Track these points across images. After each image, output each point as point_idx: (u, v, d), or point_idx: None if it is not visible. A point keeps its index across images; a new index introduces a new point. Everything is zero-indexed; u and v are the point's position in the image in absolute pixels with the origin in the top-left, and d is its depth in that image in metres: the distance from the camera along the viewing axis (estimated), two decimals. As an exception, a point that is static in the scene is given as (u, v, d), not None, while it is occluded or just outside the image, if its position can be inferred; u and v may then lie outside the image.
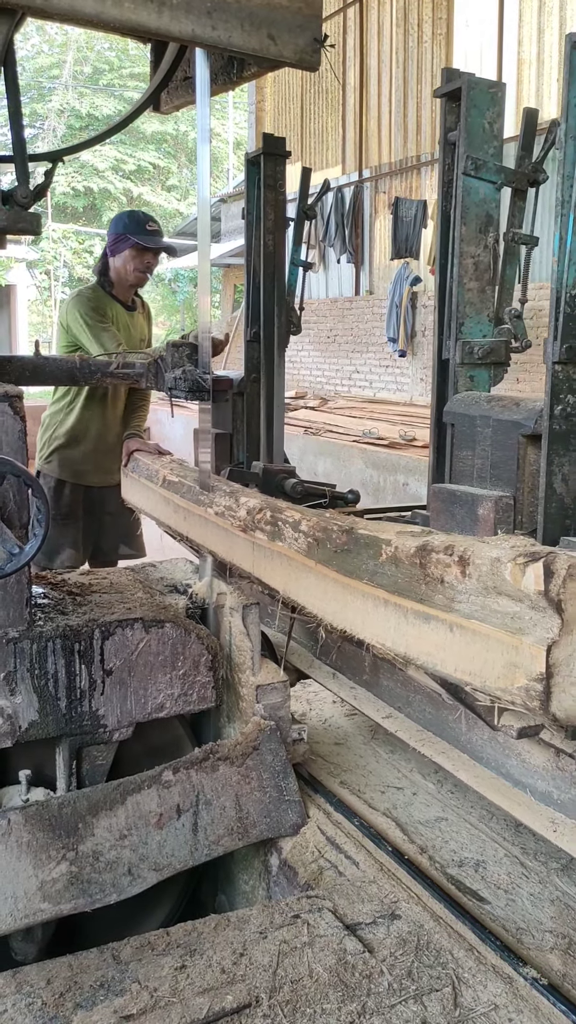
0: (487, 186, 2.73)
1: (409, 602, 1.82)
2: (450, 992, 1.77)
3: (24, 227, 2.23)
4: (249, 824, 2.39)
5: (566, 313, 2.05)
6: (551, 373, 2.10)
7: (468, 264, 2.76)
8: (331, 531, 2.13)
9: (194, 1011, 1.72)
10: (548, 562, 1.52)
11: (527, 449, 2.29)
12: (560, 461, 2.12)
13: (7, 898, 2.07)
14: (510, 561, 1.58)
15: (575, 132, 1.97)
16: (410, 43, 12.26)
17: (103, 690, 2.35)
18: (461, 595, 1.70)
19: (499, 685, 1.60)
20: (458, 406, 2.59)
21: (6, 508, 2.19)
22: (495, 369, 2.82)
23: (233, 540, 2.64)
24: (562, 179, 2.02)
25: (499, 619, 1.61)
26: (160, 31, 2.18)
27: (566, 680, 1.50)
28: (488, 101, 2.69)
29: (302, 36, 2.34)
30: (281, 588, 2.36)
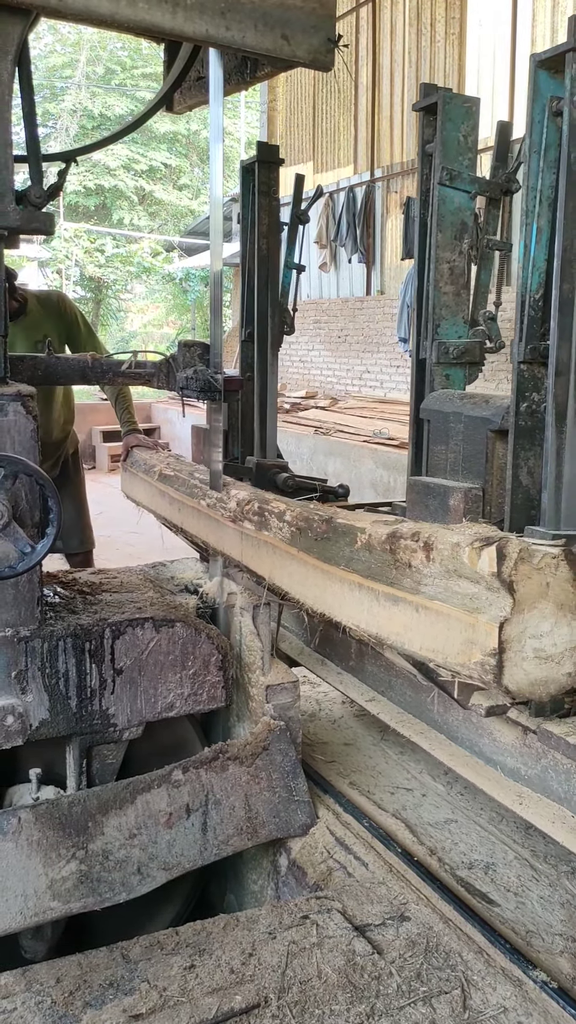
0: (462, 195, 2.88)
1: (381, 585, 1.93)
2: (459, 994, 1.77)
3: (37, 227, 2.23)
4: (258, 824, 2.39)
5: (530, 316, 2.18)
6: (516, 372, 2.22)
7: (444, 269, 2.91)
8: (312, 520, 2.24)
9: (203, 1011, 1.72)
10: (501, 546, 1.64)
11: (495, 444, 2.41)
12: (525, 455, 2.23)
13: (17, 896, 2.08)
14: (468, 546, 1.69)
15: (538, 147, 2.11)
16: (423, 43, 12.23)
17: (113, 689, 2.35)
18: (426, 578, 1.81)
19: (458, 660, 1.71)
20: (433, 403, 2.72)
21: (18, 507, 2.19)
22: (470, 368, 2.96)
23: (223, 530, 2.75)
24: (526, 191, 2.17)
25: (459, 600, 1.72)
26: (174, 31, 2.18)
27: (517, 655, 1.62)
28: (463, 115, 2.83)
29: (316, 36, 2.34)
30: (267, 575, 2.46)
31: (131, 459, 3.87)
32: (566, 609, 1.67)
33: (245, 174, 3.74)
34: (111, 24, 2.13)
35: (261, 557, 2.50)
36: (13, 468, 2.10)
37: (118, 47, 26.24)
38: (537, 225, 2.17)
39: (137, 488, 3.74)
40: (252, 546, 2.55)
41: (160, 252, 23.79)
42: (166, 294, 25.28)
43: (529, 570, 1.63)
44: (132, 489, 3.83)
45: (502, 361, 3.62)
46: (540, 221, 2.17)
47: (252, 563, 2.56)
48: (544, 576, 1.64)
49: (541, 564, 1.64)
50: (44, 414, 4.13)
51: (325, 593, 2.16)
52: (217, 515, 2.78)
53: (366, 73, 13.54)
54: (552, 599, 1.66)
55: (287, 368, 15.33)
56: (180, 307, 24.73)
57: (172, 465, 3.45)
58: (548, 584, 1.65)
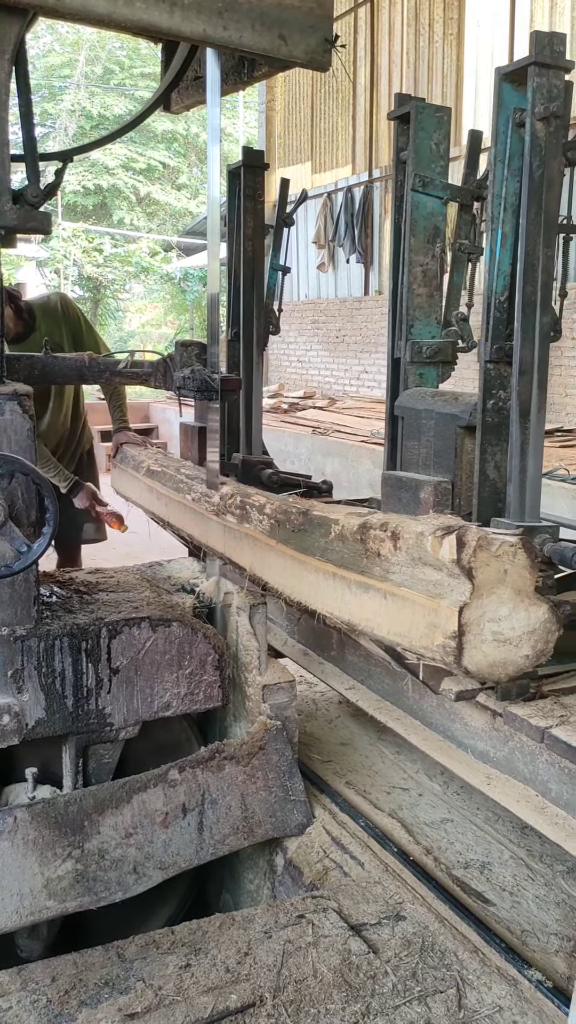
0: (434, 201, 2.97)
1: (352, 574, 2.01)
2: (454, 994, 1.77)
3: (34, 226, 2.24)
4: (255, 823, 2.39)
5: (496, 317, 2.27)
6: (483, 371, 2.31)
7: (417, 272, 3.01)
8: (290, 513, 2.32)
9: (198, 1010, 1.72)
10: (460, 535, 1.71)
11: (464, 439, 2.50)
12: (492, 450, 2.33)
13: (13, 895, 2.08)
14: (431, 535, 1.77)
15: (503, 156, 2.20)
16: (421, 43, 12.23)
17: (110, 688, 2.35)
18: (394, 566, 1.89)
19: (422, 644, 1.79)
20: (406, 400, 2.83)
21: (15, 506, 2.19)
22: (443, 367, 3.05)
23: (207, 524, 2.82)
24: (491, 198, 2.25)
25: (423, 586, 1.80)
26: (172, 31, 2.18)
27: (476, 638, 1.71)
28: (435, 124, 2.94)
29: (313, 36, 2.34)
30: (248, 566, 2.52)
31: (120, 455, 3.94)
32: (523, 595, 1.75)
33: (231, 178, 3.81)
34: (108, 24, 2.13)
35: (243, 549, 2.56)
36: (9, 467, 2.10)
37: (116, 47, 26.20)
38: (502, 231, 2.25)
39: (126, 484, 3.83)
40: (234, 539, 2.61)
41: (158, 252, 23.76)
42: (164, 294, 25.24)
43: (487, 557, 1.70)
44: (121, 485, 3.92)
45: (475, 360, 3.70)
46: (505, 227, 2.25)
47: (234, 555, 2.63)
48: (502, 563, 1.72)
49: (499, 552, 1.71)
50: (54, 412, 4.15)
51: (302, 583, 2.23)
52: (201, 509, 2.85)
53: (364, 73, 13.54)
54: (510, 585, 1.73)
55: (285, 368, 15.33)
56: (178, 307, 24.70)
57: (160, 461, 3.53)
58: (506, 571, 1.72)
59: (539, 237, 2.16)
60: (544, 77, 2.10)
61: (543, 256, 2.17)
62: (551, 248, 2.20)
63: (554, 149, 2.14)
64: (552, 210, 2.18)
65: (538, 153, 2.13)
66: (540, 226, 2.16)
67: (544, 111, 2.10)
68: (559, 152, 2.16)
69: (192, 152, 26.72)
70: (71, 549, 4.50)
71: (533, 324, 2.18)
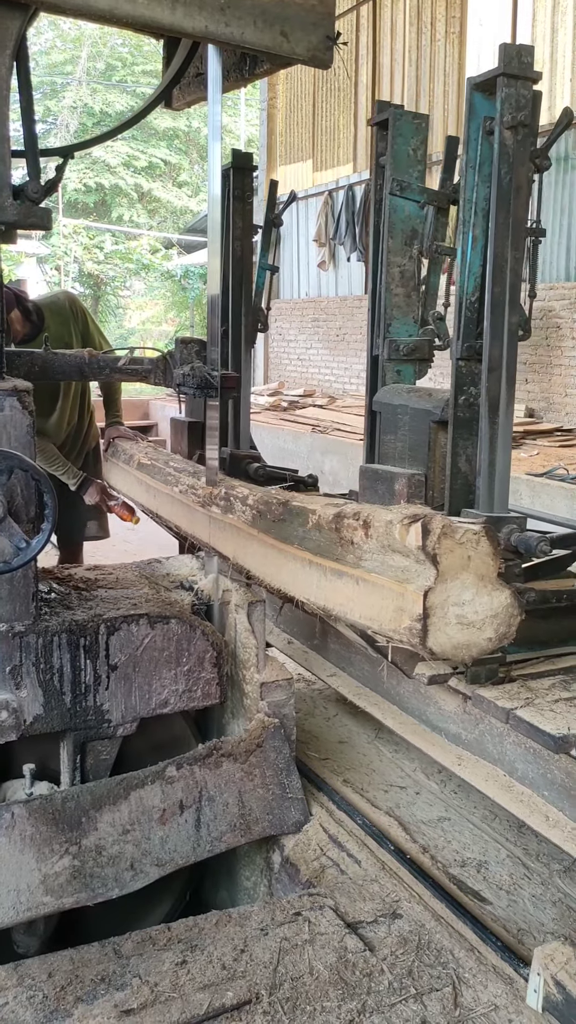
0: (411, 204, 3.08)
1: (328, 561, 2.09)
2: (450, 992, 1.77)
3: (35, 222, 2.23)
4: (252, 821, 2.39)
5: (467, 317, 2.36)
6: (455, 368, 2.39)
7: (395, 272, 3.12)
8: (271, 504, 2.39)
9: (194, 1007, 1.72)
10: (426, 522, 1.80)
11: (437, 434, 2.63)
12: (464, 444, 2.42)
13: (10, 891, 2.08)
14: (399, 523, 1.85)
15: (474, 163, 2.29)
16: (423, 42, 12.21)
17: (108, 685, 2.35)
18: (366, 553, 1.97)
19: (391, 626, 1.87)
20: (384, 396, 2.94)
21: (13, 502, 2.19)
22: (420, 364, 3.18)
23: (194, 514, 2.91)
24: (463, 203, 2.35)
25: (393, 572, 1.89)
26: (173, 27, 2.17)
27: (440, 620, 1.79)
28: (412, 131, 3.05)
29: (315, 34, 2.34)
30: (231, 555, 2.61)
31: (112, 450, 4.02)
32: (487, 580, 1.83)
33: (221, 180, 3.89)
34: (110, 19, 2.13)
35: (227, 539, 2.64)
36: (8, 463, 2.10)
37: (119, 43, 26.16)
38: (473, 234, 2.35)
39: (117, 476, 3.94)
40: (219, 529, 2.69)
41: (159, 249, 23.74)
42: (165, 291, 25.22)
43: (452, 544, 1.78)
44: (112, 478, 4.02)
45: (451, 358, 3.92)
46: (475, 230, 2.34)
47: (219, 545, 2.71)
48: (466, 550, 1.80)
49: (463, 539, 1.79)
50: (62, 409, 4.16)
51: (281, 571, 2.30)
52: (188, 500, 2.94)
53: (366, 71, 13.53)
54: (474, 571, 1.81)
55: (285, 366, 15.32)
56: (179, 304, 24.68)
57: (149, 455, 3.61)
58: (470, 558, 1.80)
59: (507, 240, 2.26)
60: (512, 88, 2.19)
61: (511, 258, 2.27)
62: (519, 251, 2.30)
63: (522, 156, 2.24)
64: (520, 215, 2.27)
65: (506, 160, 2.22)
66: (508, 230, 2.25)
67: (512, 120, 2.20)
68: (527, 159, 2.26)
69: (193, 149, 26.68)
70: (73, 546, 4.50)
71: (502, 323, 2.27)
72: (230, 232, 3.82)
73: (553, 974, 1.71)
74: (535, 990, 1.74)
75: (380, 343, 3.16)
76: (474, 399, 2.38)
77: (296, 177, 15.32)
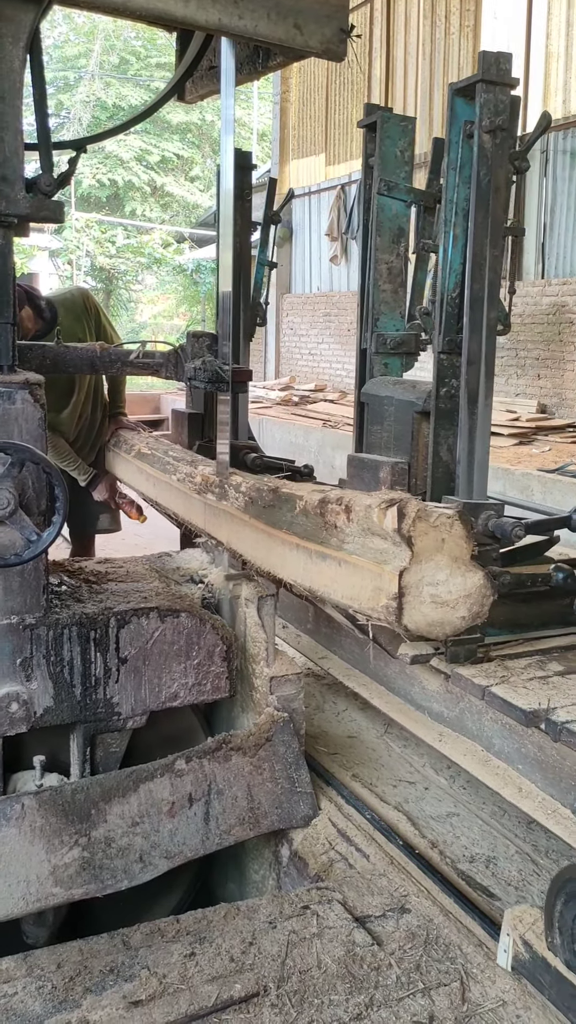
0: (399, 204, 3.19)
1: (313, 545, 2.20)
2: (458, 987, 1.77)
3: (47, 215, 2.23)
4: (260, 815, 2.40)
5: (447, 312, 2.46)
6: (437, 361, 2.49)
7: (383, 269, 3.23)
8: (262, 491, 2.50)
9: (202, 998, 1.73)
10: (401, 506, 1.89)
11: (420, 424, 2.72)
12: (445, 434, 2.53)
13: (20, 882, 2.09)
14: (377, 507, 1.95)
15: (455, 164, 2.38)
16: (437, 35, 12.15)
17: (118, 678, 2.36)
18: (348, 537, 2.07)
19: (369, 605, 1.97)
20: (371, 388, 3.06)
21: (25, 495, 2.20)
22: (406, 358, 3.28)
23: (190, 502, 3.02)
24: (445, 203, 2.43)
25: (372, 554, 1.99)
26: (187, 19, 2.17)
27: (415, 599, 1.89)
28: (399, 133, 3.16)
29: (328, 26, 2.33)
30: (225, 540, 2.73)
31: (115, 440, 4.10)
32: (460, 562, 1.93)
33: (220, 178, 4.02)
34: (123, 12, 2.13)
35: (221, 525, 2.75)
36: (20, 456, 2.11)
37: (132, 36, 26.12)
38: (453, 233, 2.43)
39: (119, 466, 4.05)
40: (214, 515, 2.81)
41: (171, 243, 23.72)
42: (177, 285, 25.20)
43: (426, 527, 1.88)
44: (114, 467, 4.12)
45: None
46: (456, 230, 2.42)
47: (213, 530, 2.82)
48: (440, 533, 1.89)
49: (437, 523, 1.89)
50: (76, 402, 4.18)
51: (271, 554, 2.41)
52: (185, 488, 3.05)
53: (380, 65, 13.47)
54: (447, 553, 1.91)
55: (296, 361, 15.30)
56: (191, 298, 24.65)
57: (150, 445, 3.71)
58: (444, 540, 1.90)
59: (486, 239, 2.34)
60: (491, 93, 2.28)
61: (490, 256, 2.35)
62: (497, 249, 2.38)
63: (500, 159, 2.32)
64: (498, 214, 2.35)
65: (485, 162, 2.31)
66: (487, 229, 2.33)
67: (490, 124, 2.29)
68: (505, 161, 2.34)
69: (206, 143, 26.64)
70: (85, 538, 4.52)
71: (481, 318, 2.35)
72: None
73: (521, 934, 1.80)
74: (505, 950, 1.83)
75: (368, 337, 3.28)
76: (455, 391, 2.47)
77: (308, 171, 15.28)
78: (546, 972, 1.74)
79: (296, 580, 2.28)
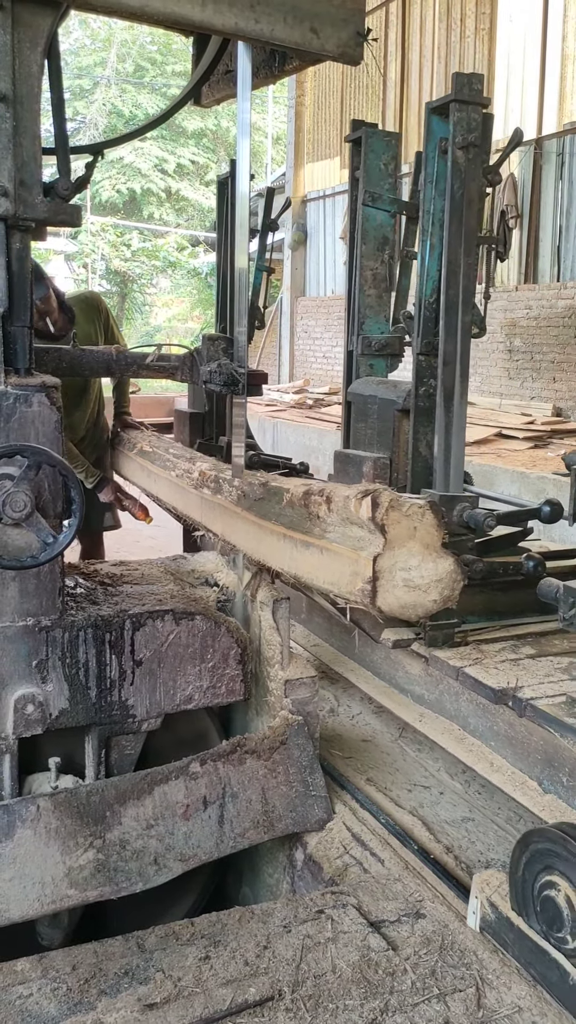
0: (383, 214, 3.39)
1: (299, 534, 2.33)
2: (474, 993, 1.76)
3: (64, 219, 2.25)
4: (275, 818, 2.39)
5: (425, 316, 2.63)
6: (416, 362, 2.66)
7: (368, 275, 3.42)
8: (254, 485, 2.64)
9: (217, 1002, 1.73)
10: (375, 496, 2.03)
11: (401, 421, 2.90)
12: (424, 431, 2.71)
13: (35, 883, 2.10)
14: (354, 497, 2.08)
15: (432, 178, 2.54)
16: (452, 38, 12.14)
17: (133, 680, 2.36)
18: (330, 526, 2.21)
19: (347, 589, 2.11)
20: (356, 387, 3.26)
21: (41, 497, 2.21)
22: (391, 359, 3.49)
23: (188, 496, 3.18)
24: (422, 214, 2.61)
25: (351, 542, 2.12)
26: (203, 24, 2.18)
27: (389, 583, 2.02)
28: (383, 147, 3.36)
29: (345, 30, 2.33)
30: (220, 532, 2.87)
31: (119, 439, 4.25)
32: (431, 549, 2.05)
33: (220, 187, 4.25)
34: (141, 17, 2.14)
35: (216, 517, 2.89)
36: (37, 459, 2.12)
37: (147, 41, 26.22)
38: (430, 242, 2.59)
39: (122, 463, 4.22)
40: (210, 508, 2.96)
41: (186, 247, 23.80)
42: (191, 289, 25.28)
43: (398, 516, 2.01)
44: (120, 465, 4.28)
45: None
46: (433, 239, 2.58)
47: (209, 523, 2.99)
48: (412, 521, 2.02)
49: (409, 512, 2.02)
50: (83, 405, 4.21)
51: (261, 544, 2.54)
52: (183, 484, 3.21)
53: (395, 68, 13.47)
54: (419, 540, 2.03)
55: (311, 364, 15.31)
56: (205, 302, 24.71)
57: (152, 442, 3.86)
58: (415, 528, 2.03)
59: (460, 248, 2.49)
60: (463, 112, 2.44)
61: (464, 264, 2.50)
62: (471, 257, 2.53)
63: (473, 173, 2.48)
64: (471, 225, 2.50)
65: (459, 176, 2.47)
66: (461, 238, 2.49)
67: (463, 141, 2.44)
68: (478, 175, 2.51)
69: (221, 147, 26.69)
70: (93, 535, 4.54)
71: (456, 322, 2.50)
72: (228, 236, 4.06)
73: (488, 896, 1.92)
74: (473, 912, 1.96)
75: (354, 340, 3.45)
76: (432, 390, 2.63)
77: (324, 174, 15.30)
78: (509, 930, 1.86)
79: (284, 568, 2.40)
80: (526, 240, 10.28)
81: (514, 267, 10.43)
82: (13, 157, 2.09)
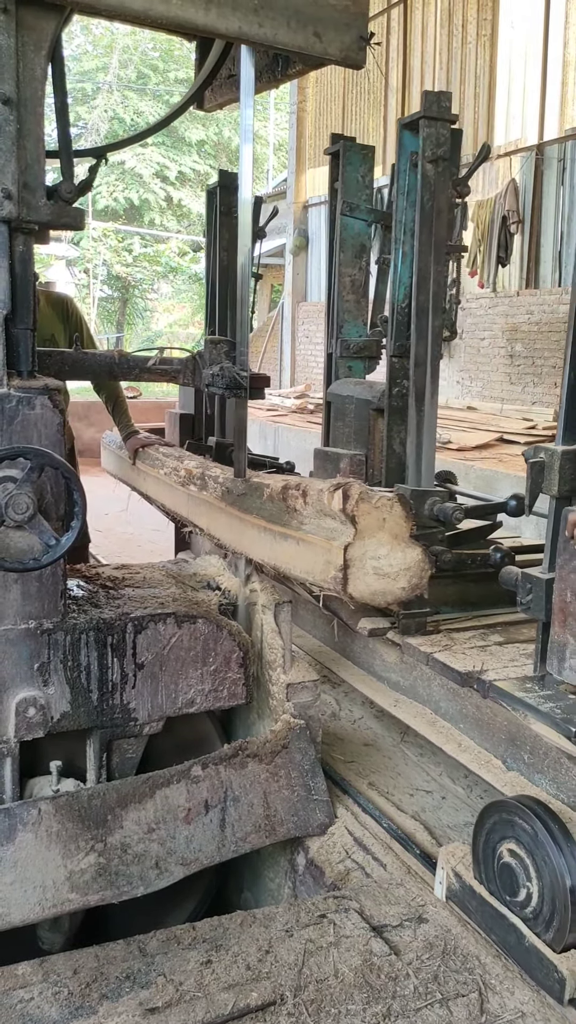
0: (360, 223, 3.56)
1: (278, 527, 2.41)
2: (476, 998, 1.75)
3: (67, 222, 2.25)
4: (277, 822, 2.38)
5: (398, 320, 2.78)
6: (389, 364, 2.80)
7: (346, 281, 3.59)
8: (237, 481, 2.75)
9: (219, 1006, 1.72)
10: (345, 489, 2.14)
11: (376, 420, 3.05)
12: (397, 429, 2.85)
13: (36, 887, 2.09)
14: (327, 490, 2.19)
15: (404, 190, 2.70)
16: (454, 44, 12.16)
17: (134, 684, 2.36)
18: (306, 519, 2.31)
19: (321, 577, 2.20)
20: (335, 388, 3.43)
21: (43, 500, 2.20)
22: (368, 362, 3.65)
23: (176, 493, 3.28)
24: (395, 224, 2.76)
25: (325, 532, 2.23)
26: (207, 28, 2.18)
27: (359, 571, 2.13)
28: (360, 160, 3.53)
29: (348, 34, 2.33)
30: (205, 527, 2.98)
31: (140, 456, 4.01)
32: (400, 539, 2.16)
33: (209, 196, 4.32)
34: (144, 20, 2.14)
35: (201, 513, 3.00)
36: (39, 461, 2.11)
37: (149, 47, 26.28)
38: (403, 250, 2.74)
39: (112, 463, 4.35)
40: (196, 504, 3.06)
41: (187, 252, 23.84)
42: (192, 294, 25.31)
43: (368, 507, 2.11)
44: (108, 464, 4.39)
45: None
46: (405, 247, 2.73)
47: (195, 518, 3.08)
48: (381, 513, 2.12)
49: (378, 504, 2.12)
50: None
51: (243, 537, 2.63)
52: (171, 481, 3.31)
53: (396, 74, 13.50)
54: (388, 531, 2.14)
55: (312, 369, 15.32)
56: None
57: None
58: (385, 519, 2.13)
59: (430, 256, 2.62)
60: (432, 128, 2.59)
61: (434, 271, 2.64)
62: (441, 265, 2.66)
63: (442, 185, 2.61)
64: (441, 234, 2.64)
65: (428, 188, 2.60)
66: (431, 247, 2.62)
67: (432, 155, 2.59)
68: (447, 187, 2.64)
69: (223, 155, 26.75)
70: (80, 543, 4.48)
71: (426, 326, 2.64)
72: (217, 244, 4.10)
73: (453, 867, 2.04)
74: (440, 882, 2.08)
75: (333, 343, 3.60)
76: (405, 391, 2.76)
77: (325, 180, 15.31)
78: (472, 898, 1.98)
79: (264, 559, 2.50)
80: (527, 245, 10.28)
81: (516, 272, 10.44)
82: (17, 160, 2.09)
